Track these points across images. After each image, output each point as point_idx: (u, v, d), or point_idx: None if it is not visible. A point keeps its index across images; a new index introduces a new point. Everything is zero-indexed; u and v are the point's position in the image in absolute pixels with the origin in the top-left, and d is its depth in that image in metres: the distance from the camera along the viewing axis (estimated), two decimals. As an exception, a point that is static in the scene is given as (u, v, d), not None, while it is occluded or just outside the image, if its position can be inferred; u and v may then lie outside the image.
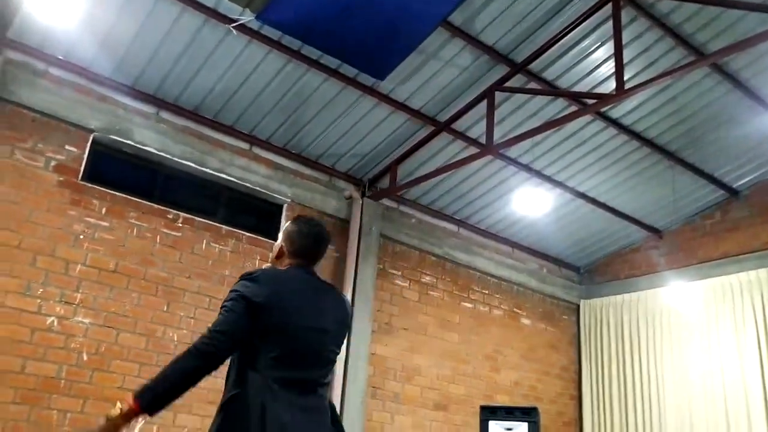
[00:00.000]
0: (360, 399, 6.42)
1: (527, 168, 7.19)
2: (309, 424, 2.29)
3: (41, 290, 5.05)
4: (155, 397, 2.18)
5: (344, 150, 6.73)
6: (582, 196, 7.73)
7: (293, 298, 2.38)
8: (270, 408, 2.20)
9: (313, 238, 2.58)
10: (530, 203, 7.26)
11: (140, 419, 2.20)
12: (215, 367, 2.24)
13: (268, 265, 2.71)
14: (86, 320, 5.21)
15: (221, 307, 2.33)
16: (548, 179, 7.39)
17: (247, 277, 2.38)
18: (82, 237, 5.34)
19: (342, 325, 2.57)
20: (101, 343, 5.21)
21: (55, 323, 5.07)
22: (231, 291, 2.36)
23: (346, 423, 6.65)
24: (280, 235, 2.62)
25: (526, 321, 8.33)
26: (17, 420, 4.75)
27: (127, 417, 2.15)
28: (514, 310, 8.25)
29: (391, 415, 6.76)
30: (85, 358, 5.14)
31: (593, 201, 7.83)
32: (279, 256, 2.58)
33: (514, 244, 8.41)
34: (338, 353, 2.54)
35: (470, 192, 7.49)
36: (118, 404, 2.16)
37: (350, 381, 6.38)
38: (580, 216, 8.06)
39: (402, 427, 6.80)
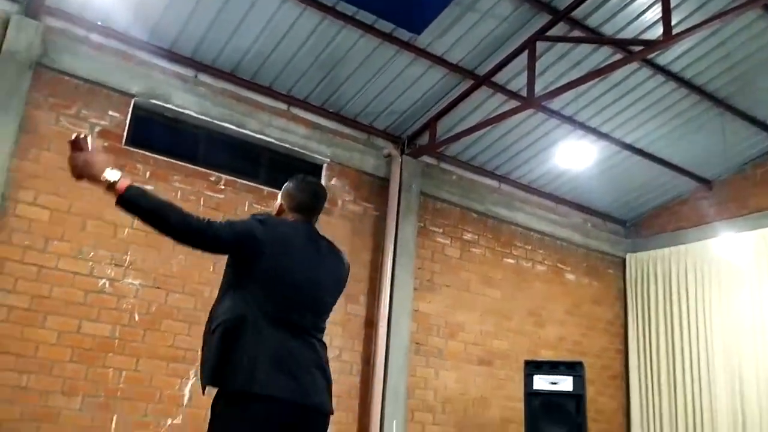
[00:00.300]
0: (403, 355, 6.50)
1: (570, 120, 7.02)
2: (295, 361, 2.37)
3: (92, 253, 5.20)
4: (137, 201, 2.28)
5: (382, 107, 6.67)
6: (628, 147, 7.53)
7: (293, 246, 2.49)
8: (262, 338, 2.32)
9: (311, 194, 2.70)
10: (574, 156, 7.12)
11: (106, 188, 2.30)
12: (180, 238, 2.35)
13: None
14: (136, 282, 5.36)
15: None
16: (592, 131, 7.20)
17: (256, 217, 2.49)
18: (128, 201, 5.44)
19: (338, 280, 2.69)
20: (151, 303, 5.37)
21: (107, 285, 5.23)
22: (236, 219, 2.51)
23: (390, 379, 6.76)
24: (279, 194, 2.73)
25: (570, 276, 8.25)
26: (75, 378, 4.97)
27: (106, 186, 2.29)
28: (558, 265, 8.18)
29: (435, 370, 6.83)
30: (136, 318, 5.31)
31: (640, 152, 7.62)
32: (279, 213, 2.69)
33: (557, 199, 8.28)
34: (333, 305, 2.66)
35: (511, 146, 7.37)
36: (114, 175, 2.28)
37: (393, 337, 6.45)
38: (626, 168, 7.87)
39: (446, 382, 6.87)
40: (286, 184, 2.74)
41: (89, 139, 2.42)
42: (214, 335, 2.36)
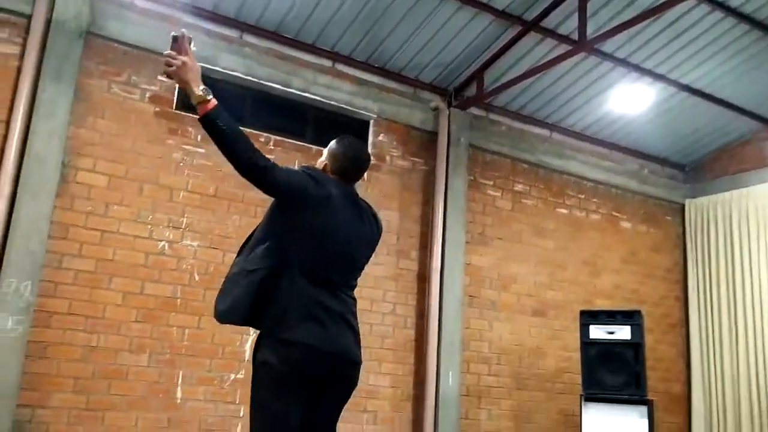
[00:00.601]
0: (457, 308, 6.53)
1: (624, 62, 6.76)
2: (326, 313, 2.49)
3: (150, 217, 5.36)
4: (221, 121, 2.39)
5: (428, 60, 6.56)
6: (686, 88, 7.22)
7: (337, 207, 2.57)
8: (296, 289, 2.45)
9: (356, 161, 2.76)
10: (629, 100, 6.91)
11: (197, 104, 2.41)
12: (243, 169, 2.42)
13: None
14: (194, 243, 5.51)
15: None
16: (648, 73, 6.93)
17: (309, 172, 2.57)
18: (181, 164, 5.57)
19: (373, 242, 2.79)
20: (209, 263, 5.52)
21: (166, 247, 5.39)
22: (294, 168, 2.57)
23: (444, 331, 6.83)
24: (325, 152, 2.77)
25: (626, 224, 8.08)
26: (141, 337, 5.18)
27: (197, 101, 2.40)
28: (613, 213, 8.01)
29: (488, 322, 6.85)
30: (196, 278, 5.47)
31: (698, 93, 7.31)
32: (322, 171, 2.73)
33: (611, 145, 8.05)
34: (365, 264, 2.76)
35: (562, 93, 7.16)
36: (208, 92, 2.40)
37: (446, 291, 6.48)
38: (684, 110, 7.57)
39: (500, 334, 6.89)
40: (331, 145, 2.78)
41: (191, 41, 2.45)
42: (249, 279, 2.46)
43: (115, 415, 5.00)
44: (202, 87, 2.40)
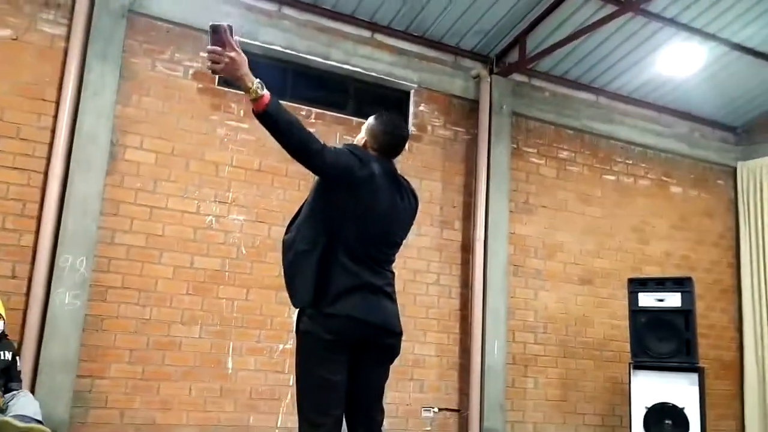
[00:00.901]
0: (501, 277, 6.50)
1: (673, 22, 6.51)
2: (368, 287, 2.58)
3: (197, 192, 5.46)
4: (278, 115, 2.38)
5: (468, 26, 6.44)
6: (738, 47, 6.93)
7: (380, 185, 2.62)
8: (340, 266, 2.53)
9: (395, 137, 2.77)
10: (678, 61, 6.68)
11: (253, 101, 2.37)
12: (296, 155, 2.45)
13: None
14: (240, 217, 5.60)
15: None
16: (698, 32, 6.66)
17: (353, 151, 2.61)
18: (226, 140, 5.64)
19: (411, 217, 2.86)
20: (256, 237, 5.61)
21: (213, 222, 5.50)
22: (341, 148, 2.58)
23: (489, 300, 6.81)
24: (362, 131, 2.79)
25: (676, 189, 7.87)
26: (192, 309, 5.33)
27: (253, 98, 2.36)
28: (663, 178, 7.81)
29: (534, 291, 6.81)
30: (243, 251, 5.57)
31: (752, 52, 7.00)
32: (362, 147, 2.76)
33: (660, 108, 7.82)
34: (404, 239, 2.83)
35: (608, 56, 6.96)
36: (261, 85, 2.36)
37: (490, 260, 6.45)
38: (736, 70, 7.27)
39: (546, 303, 6.85)
40: (370, 121, 2.79)
41: (232, 31, 2.37)
42: (308, 261, 2.54)
43: (170, 384, 5.17)
44: (256, 81, 2.36)
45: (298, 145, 2.42)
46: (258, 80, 2.36)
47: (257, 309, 5.53)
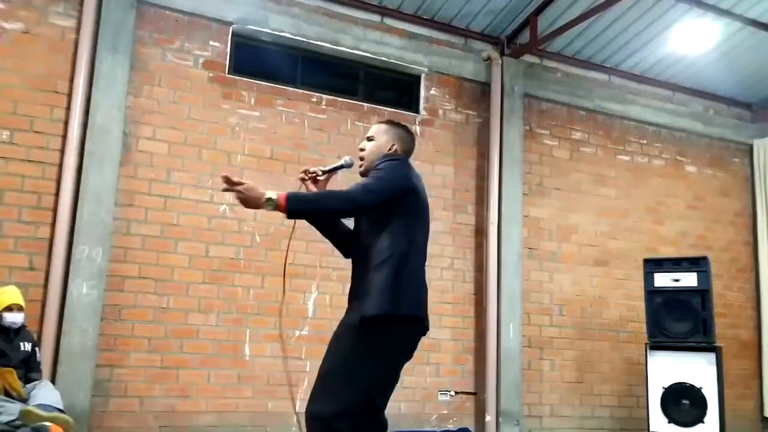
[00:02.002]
0: (516, 260, 6.49)
1: (686, -1, 6.42)
2: (425, 286, 2.80)
3: (210, 181, 5.48)
4: (300, 205, 2.56)
5: (478, 8, 6.38)
6: (753, 23, 6.80)
7: (422, 187, 2.85)
8: (415, 267, 2.71)
9: (414, 140, 3.04)
10: (692, 39, 6.57)
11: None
12: (352, 215, 2.80)
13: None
14: (253, 205, 5.60)
15: (377, 169, 2.72)
16: (712, 8, 6.55)
17: (401, 161, 2.82)
18: (237, 128, 5.65)
19: None
20: (269, 224, 5.62)
21: (227, 210, 5.52)
22: (388, 164, 2.74)
23: (503, 284, 6.79)
24: (385, 136, 2.92)
25: (691, 168, 7.80)
26: (209, 297, 5.37)
27: (272, 209, 2.52)
28: (677, 158, 7.73)
29: (549, 274, 6.79)
30: (257, 239, 5.60)
31: (766, 27, 6.88)
32: (393, 152, 2.91)
33: (674, 87, 7.73)
34: None
35: (621, 35, 6.87)
36: (272, 194, 2.49)
37: (504, 243, 6.43)
38: (751, 46, 7.15)
39: (561, 285, 6.83)
40: (390, 128, 2.96)
41: (234, 178, 2.56)
42: (382, 267, 2.62)
43: (189, 372, 5.23)
44: (266, 195, 2.49)
45: (339, 207, 2.63)
46: (268, 195, 2.49)
47: (273, 296, 5.55)
